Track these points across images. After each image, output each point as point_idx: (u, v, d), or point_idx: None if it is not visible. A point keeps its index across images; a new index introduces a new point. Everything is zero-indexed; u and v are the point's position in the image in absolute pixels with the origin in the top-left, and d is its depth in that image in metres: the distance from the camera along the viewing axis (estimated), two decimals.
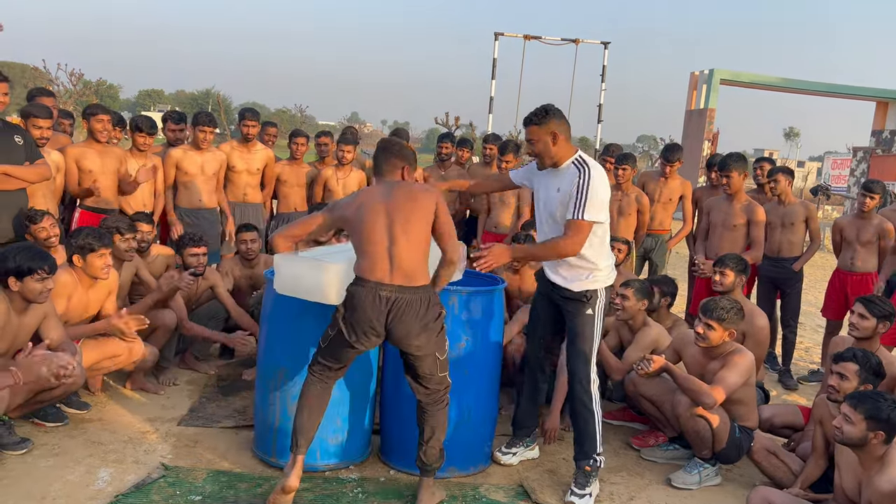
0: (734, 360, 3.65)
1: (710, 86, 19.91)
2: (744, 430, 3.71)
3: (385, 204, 3.17)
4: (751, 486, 3.59)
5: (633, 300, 4.19)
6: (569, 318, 3.53)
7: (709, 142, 19.95)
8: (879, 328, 3.79)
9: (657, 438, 4.16)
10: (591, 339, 3.47)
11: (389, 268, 3.11)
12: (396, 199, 3.17)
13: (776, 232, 5.55)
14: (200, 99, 72.00)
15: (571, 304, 3.50)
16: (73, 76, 32.93)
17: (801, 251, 5.63)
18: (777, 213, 5.55)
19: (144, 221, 4.80)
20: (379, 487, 3.44)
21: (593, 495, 3.46)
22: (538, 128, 3.36)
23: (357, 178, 6.32)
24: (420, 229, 3.13)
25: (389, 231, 3.13)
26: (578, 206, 3.28)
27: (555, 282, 3.54)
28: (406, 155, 3.31)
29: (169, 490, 3.25)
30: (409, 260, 3.10)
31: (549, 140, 3.35)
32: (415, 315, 3.10)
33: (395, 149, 3.32)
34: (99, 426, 3.89)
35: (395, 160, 3.28)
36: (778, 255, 5.58)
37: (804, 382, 5.72)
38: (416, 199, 3.17)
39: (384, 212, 3.15)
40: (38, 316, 3.46)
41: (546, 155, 3.39)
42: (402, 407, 3.64)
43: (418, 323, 3.10)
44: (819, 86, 21.03)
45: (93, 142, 5.04)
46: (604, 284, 3.49)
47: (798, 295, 5.71)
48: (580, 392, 3.50)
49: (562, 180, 3.39)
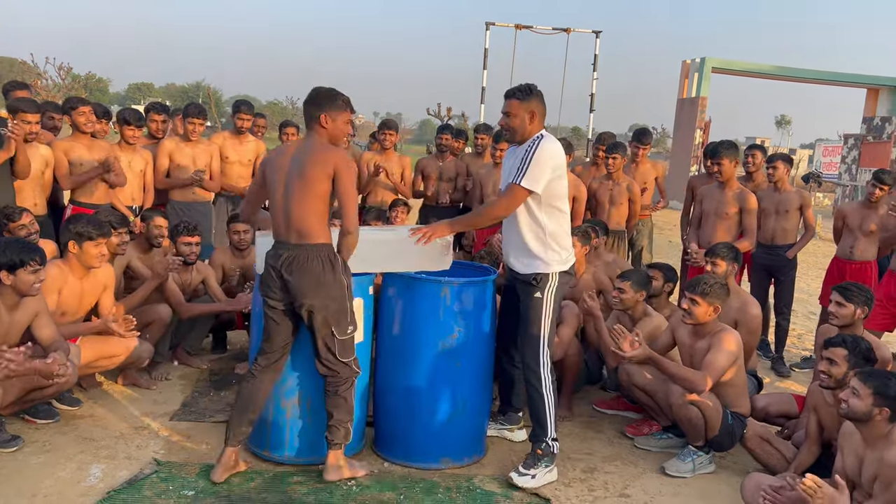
0: (721, 340, 3.66)
1: (701, 74, 19.88)
2: (736, 417, 3.71)
3: (287, 160, 3.18)
4: (744, 473, 3.60)
5: (631, 293, 4.19)
6: (521, 301, 3.55)
7: (701, 130, 19.95)
8: (858, 314, 3.81)
9: (651, 427, 4.16)
10: (539, 323, 3.47)
11: (285, 225, 3.14)
12: (297, 155, 3.15)
13: (770, 219, 5.56)
14: (191, 92, 71.60)
15: (522, 287, 3.53)
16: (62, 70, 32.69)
17: (794, 239, 5.64)
18: (772, 200, 5.55)
19: (159, 216, 4.78)
20: (373, 480, 3.43)
21: (539, 479, 3.44)
22: (519, 103, 3.40)
23: None
24: (314, 187, 3.09)
25: (286, 188, 3.14)
26: (519, 172, 3.34)
27: (511, 266, 3.58)
28: (322, 102, 3.18)
29: (162, 485, 3.24)
30: (301, 218, 3.10)
31: (527, 118, 3.40)
32: (306, 272, 3.10)
33: (311, 97, 3.21)
34: (91, 422, 3.87)
35: (311, 108, 3.19)
36: (772, 242, 5.59)
37: (797, 369, 5.74)
38: (316, 155, 3.12)
39: (285, 169, 3.16)
40: (29, 313, 3.43)
41: (519, 131, 3.43)
42: (395, 399, 3.64)
43: (310, 279, 3.11)
44: (810, 73, 21.04)
45: (79, 135, 4.99)
46: (557, 269, 3.48)
47: (792, 282, 5.72)
48: (530, 375, 3.51)
49: (517, 155, 3.44)
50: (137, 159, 5.34)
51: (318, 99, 3.20)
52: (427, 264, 3.59)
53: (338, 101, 3.20)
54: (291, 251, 3.14)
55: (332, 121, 3.18)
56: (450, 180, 6.45)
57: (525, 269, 3.49)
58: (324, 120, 3.17)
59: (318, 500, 3.22)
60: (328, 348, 3.23)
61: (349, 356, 3.27)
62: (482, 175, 6.02)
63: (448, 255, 3.65)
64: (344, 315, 3.21)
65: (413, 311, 3.56)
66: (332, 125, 3.19)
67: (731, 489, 3.55)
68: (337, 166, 3.09)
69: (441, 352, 3.52)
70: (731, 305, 4.19)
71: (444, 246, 3.61)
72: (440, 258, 3.62)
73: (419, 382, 3.55)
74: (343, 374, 3.28)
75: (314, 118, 3.17)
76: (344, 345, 3.25)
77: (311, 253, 3.13)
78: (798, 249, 5.61)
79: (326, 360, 3.25)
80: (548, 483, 3.48)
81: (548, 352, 3.50)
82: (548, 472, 3.49)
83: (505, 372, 3.94)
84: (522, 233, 3.46)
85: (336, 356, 3.23)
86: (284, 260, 3.14)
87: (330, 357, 3.24)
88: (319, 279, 3.13)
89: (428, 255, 3.57)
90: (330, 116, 3.17)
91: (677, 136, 21.63)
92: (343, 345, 3.24)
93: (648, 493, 3.52)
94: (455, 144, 6.76)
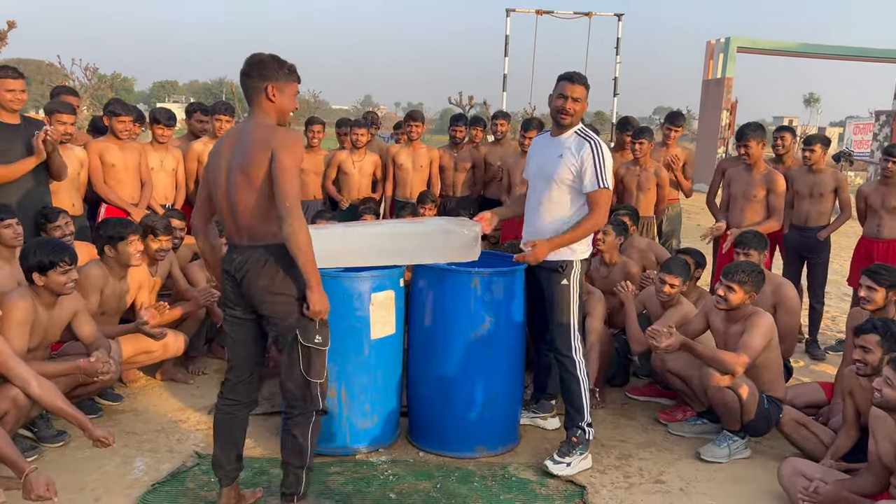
0: (754, 322, 3.65)
1: (726, 54, 19.56)
2: (772, 402, 3.69)
3: (228, 150, 2.70)
4: (781, 458, 3.58)
5: (679, 284, 4.20)
6: (546, 290, 3.57)
7: (727, 111, 19.66)
8: (891, 296, 3.76)
9: (685, 413, 4.15)
10: (568, 309, 3.51)
11: (234, 225, 2.70)
12: (238, 142, 2.68)
13: (804, 201, 5.48)
14: (214, 88, 72.26)
15: (546, 275, 3.54)
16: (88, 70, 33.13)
17: (828, 221, 5.54)
18: (806, 182, 5.46)
19: (176, 217, 4.84)
20: (409, 469, 3.48)
21: (574, 466, 3.46)
22: (585, 90, 3.47)
23: (372, 161, 6.32)
24: (258, 177, 2.59)
25: (228, 182, 2.68)
26: (600, 176, 3.40)
27: None
28: (266, 73, 2.66)
29: (203, 477, 3.31)
30: (248, 215, 2.65)
31: (586, 104, 3.47)
32: (260, 276, 2.67)
33: (251, 66, 2.68)
34: (132, 417, 3.97)
35: (252, 80, 2.67)
36: (805, 224, 5.51)
37: (831, 352, 5.67)
38: (256, 138, 2.62)
39: (226, 159, 2.69)
40: (67, 311, 3.52)
41: (578, 116, 3.47)
42: (428, 390, 3.68)
43: (265, 285, 2.67)
44: (838, 49, 20.59)
45: (113, 137, 5.08)
46: (580, 257, 3.54)
47: (825, 264, 5.63)
48: (564, 360, 3.54)
49: (562, 148, 3.46)
50: (169, 158, 5.42)
51: (260, 68, 2.67)
52: (456, 256, 3.61)
53: (284, 69, 2.70)
54: (243, 254, 2.70)
55: (279, 93, 2.68)
56: (467, 171, 6.44)
57: (552, 256, 3.50)
58: (270, 91, 2.66)
59: (356, 489, 3.27)
60: (296, 361, 2.74)
61: (318, 376, 2.76)
62: (510, 164, 6.00)
63: (476, 245, 3.66)
64: (309, 322, 2.74)
65: (444, 302, 3.59)
66: (280, 98, 2.69)
67: (768, 474, 3.54)
68: (275, 146, 2.57)
69: (472, 341, 3.55)
70: (766, 290, 4.15)
71: (473, 237, 3.63)
72: (469, 249, 3.63)
73: (452, 372, 3.58)
74: (301, 405, 2.78)
75: (257, 91, 2.67)
76: (311, 356, 2.74)
77: (266, 255, 2.67)
78: (831, 231, 5.52)
79: (291, 382, 2.77)
80: (583, 470, 3.50)
81: (578, 336, 3.53)
82: (582, 459, 3.51)
83: (541, 359, 3.97)
84: (556, 221, 3.48)
85: (303, 371, 2.73)
86: (237, 265, 2.71)
87: (297, 374, 2.74)
88: (275, 284, 2.67)
89: (457, 246, 3.59)
90: (277, 87, 2.67)
91: (703, 117, 21.33)
92: (310, 355, 2.74)
93: (684, 478, 3.52)
94: (472, 132, 6.70)
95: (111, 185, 5.07)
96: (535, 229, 3.60)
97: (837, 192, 5.49)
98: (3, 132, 4.25)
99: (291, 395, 2.79)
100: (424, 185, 6.31)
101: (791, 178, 5.50)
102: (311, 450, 2.82)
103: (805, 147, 5.51)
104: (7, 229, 3.76)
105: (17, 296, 3.30)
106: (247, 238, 2.70)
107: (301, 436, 2.79)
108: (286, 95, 2.71)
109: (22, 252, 3.37)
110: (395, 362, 3.69)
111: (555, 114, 3.49)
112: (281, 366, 2.80)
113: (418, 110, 6.90)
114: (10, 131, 4.28)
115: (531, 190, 3.65)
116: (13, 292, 3.34)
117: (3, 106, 4.26)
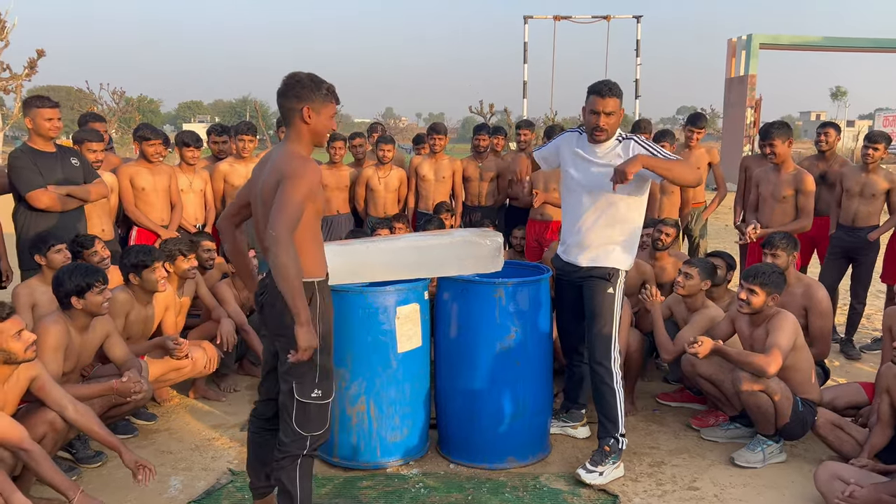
0: (777, 323, 3.61)
1: (748, 51, 19.38)
2: (807, 405, 3.64)
3: (258, 176, 2.66)
4: (817, 461, 3.53)
5: (697, 279, 4.14)
6: (588, 298, 3.55)
7: (752, 109, 19.44)
8: None
9: (717, 418, 4.11)
10: (611, 318, 3.50)
11: (263, 250, 2.62)
12: (265, 168, 2.62)
13: (854, 200, 5.38)
14: (238, 107, 73.38)
15: (593, 283, 3.53)
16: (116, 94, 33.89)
17: (878, 221, 5.43)
18: (858, 180, 5.36)
19: (206, 239, 4.92)
20: (440, 481, 3.49)
21: (607, 475, 3.44)
22: (618, 101, 3.44)
23: (398, 176, 6.36)
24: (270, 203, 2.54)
25: (259, 209, 2.65)
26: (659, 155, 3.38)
27: (579, 263, 3.58)
28: (303, 93, 2.57)
29: (238, 494, 3.36)
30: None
31: (621, 117, 3.46)
32: (275, 309, 2.59)
33: (288, 87, 2.58)
34: (167, 436, 4.04)
35: (289, 100, 2.59)
36: (853, 224, 5.40)
37: (866, 352, 5.56)
38: (274, 167, 2.56)
39: (257, 186, 2.65)
40: (99, 335, 3.60)
41: (613, 129, 3.46)
42: (457, 401, 3.69)
43: (276, 319, 2.60)
44: (863, 42, 20.28)
45: (143, 161, 5.20)
46: (626, 267, 3.56)
47: (871, 266, 5.51)
48: (601, 371, 3.52)
49: (610, 155, 3.45)
50: (198, 180, 5.53)
51: (296, 89, 2.57)
52: (479, 267, 3.62)
53: (322, 89, 2.59)
54: (267, 279, 2.63)
55: (315, 114, 2.58)
56: (491, 180, 6.45)
57: (603, 263, 3.51)
58: (307, 114, 2.57)
59: (388, 503, 3.29)
60: (285, 408, 2.63)
61: (310, 428, 2.61)
62: (536, 174, 5.98)
63: (499, 256, 3.67)
64: (310, 373, 2.59)
65: (469, 314, 3.60)
66: (316, 120, 2.59)
67: (804, 478, 3.49)
68: (283, 174, 2.49)
69: (499, 352, 3.56)
70: (796, 292, 4.11)
71: (496, 248, 3.64)
72: (492, 260, 3.65)
73: (479, 384, 3.59)
74: (286, 450, 2.65)
75: (293, 112, 2.58)
76: (304, 411, 2.60)
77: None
78: (882, 232, 5.37)
79: (285, 434, 2.65)
80: (615, 479, 3.48)
81: (618, 347, 3.52)
82: (615, 468, 3.49)
83: (573, 370, 3.96)
84: (616, 226, 3.50)
85: (293, 421, 2.60)
86: (260, 288, 2.70)
87: (287, 421, 2.62)
88: (285, 321, 2.53)
89: (480, 257, 3.61)
90: (313, 109, 2.57)
91: (727, 115, 21.14)
92: (303, 410, 2.60)
93: (718, 484, 3.48)
94: (493, 142, 6.72)
95: (142, 209, 5.18)
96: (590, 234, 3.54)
97: (890, 194, 5.37)
98: (42, 160, 4.37)
99: (280, 442, 2.67)
100: (447, 197, 6.33)
101: (842, 176, 5.41)
102: (302, 494, 2.65)
103: (868, 143, 5.36)
104: (58, 254, 3.95)
105: (50, 321, 3.38)
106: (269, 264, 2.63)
107: (288, 481, 2.64)
108: (323, 117, 2.61)
109: (55, 280, 3.46)
110: (423, 375, 3.71)
111: (589, 130, 3.48)
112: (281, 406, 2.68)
113: (441, 123, 6.94)
114: (48, 159, 4.40)
115: (574, 199, 3.60)
116: (47, 318, 3.43)
117: (42, 134, 4.38)
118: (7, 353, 2.81)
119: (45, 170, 4.35)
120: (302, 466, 2.65)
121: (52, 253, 3.98)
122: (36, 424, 2.97)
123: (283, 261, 2.43)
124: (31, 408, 3.08)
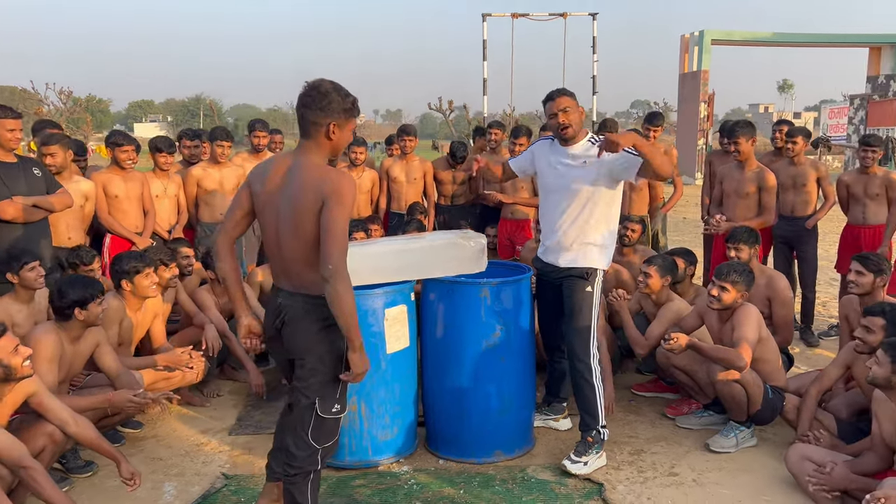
0: (741, 318, 3.80)
1: (701, 47, 19.90)
2: (776, 391, 3.84)
3: (277, 183, 2.55)
4: (786, 444, 3.74)
5: (657, 277, 4.31)
6: (567, 297, 3.69)
7: (705, 103, 19.96)
8: (878, 282, 3.96)
9: (690, 406, 4.30)
10: (590, 315, 3.64)
11: (281, 267, 2.61)
12: (289, 178, 2.52)
13: (789, 193, 5.65)
14: (191, 105, 71.95)
15: (571, 282, 3.66)
16: (63, 94, 32.87)
17: (814, 210, 5.72)
18: (788, 173, 5.63)
19: (183, 245, 4.93)
20: (432, 477, 3.59)
21: (591, 465, 3.59)
22: (570, 98, 3.55)
23: (370, 178, 6.42)
24: (309, 223, 2.47)
25: (277, 225, 2.56)
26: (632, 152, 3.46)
27: (558, 264, 3.70)
28: (331, 107, 2.47)
29: (233, 498, 3.41)
30: (294, 261, 2.55)
31: (581, 113, 3.58)
32: (298, 329, 2.58)
33: (314, 98, 2.47)
34: (155, 443, 4.05)
35: (315, 114, 2.48)
36: (792, 214, 5.69)
37: (824, 338, 5.84)
38: (309, 180, 2.47)
39: (276, 200, 2.55)
40: (90, 345, 3.61)
41: (578, 124, 3.58)
42: (444, 399, 3.79)
43: (301, 339, 2.58)
44: (810, 37, 21.00)
45: (116, 168, 5.16)
46: (604, 266, 3.69)
47: (814, 253, 5.80)
48: (581, 367, 3.64)
49: (584, 155, 3.57)
50: (172, 185, 5.52)
51: (324, 102, 2.47)
52: (464, 268, 3.73)
53: (348, 104, 2.53)
54: (286, 300, 2.62)
55: (339, 130, 2.52)
56: (463, 182, 6.55)
57: (581, 263, 3.63)
58: (332, 130, 2.50)
59: (383, 500, 3.38)
60: (302, 423, 2.64)
61: (324, 440, 2.65)
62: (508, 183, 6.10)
63: (483, 257, 3.78)
64: (332, 389, 2.62)
65: (455, 314, 3.71)
66: (339, 136, 2.53)
67: (775, 461, 3.69)
68: (326, 194, 2.43)
69: (485, 350, 3.67)
70: (759, 283, 4.31)
71: (480, 249, 3.75)
72: (476, 261, 3.76)
73: (466, 381, 3.70)
74: (299, 466, 2.67)
75: (317, 126, 2.50)
76: (321, 424, 2.62)
77: (308, 307, 2.56)
78: (817, 219, 5.69)
79: (298, 447, 2.66)
80: (599, 468, 3.63)
81: (597, 343, 3.65)
82: (598, 457, 3.64)
83: (553, 366, 4.10)
84: (593, 227, 3.62)
85: (308, 436, 2.62)
86: (279, 307, 2.64)
87: (301, 435, 2.63)
88: (311, 340, 2.56)
89: (464, 259, 3.72)
90: (338, 126, 2.51)
91: (681, 110, 21.65)
92: (320, 424, 2.62)
93: (696, 470, 3.66)
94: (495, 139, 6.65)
95: (115, 216, 5.15)
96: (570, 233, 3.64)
97: (820, 182, 5.67)
98: (5, 171, 4.29)
99: (292, 457, 2.67)
100: (419, 198, 6.42)
101: (776, 171, 5.67)
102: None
103: (788, 139, 5.67)
104: (31, 272, 3.84)
105: (42, 332, 3.38)
106: (291, 283, 2.60)
107: (300, 495, 2.69)
108: (346, 133, 2.56)
109: (58, 291, 3.46)
110: (411, 374, 3.80)
111: (557, 133, 3.61)
112: (294, 420, 2.69)
113: (412, 125, 7.02)
114: (11, 169, 4.33)
115: (551, 202, 3.72)
116: (38, 330, 3.42)
117: (3, 145, 4.30)
118: (9, 368, 2.81)
119: (8, 180, 4.28)
120: (314, 481, 2.73)
121: (24, 271, 3.84)
122: (35, 437, 2.98)
123: (342, 294, 2.42)
124: (27, 419, 3.08)
